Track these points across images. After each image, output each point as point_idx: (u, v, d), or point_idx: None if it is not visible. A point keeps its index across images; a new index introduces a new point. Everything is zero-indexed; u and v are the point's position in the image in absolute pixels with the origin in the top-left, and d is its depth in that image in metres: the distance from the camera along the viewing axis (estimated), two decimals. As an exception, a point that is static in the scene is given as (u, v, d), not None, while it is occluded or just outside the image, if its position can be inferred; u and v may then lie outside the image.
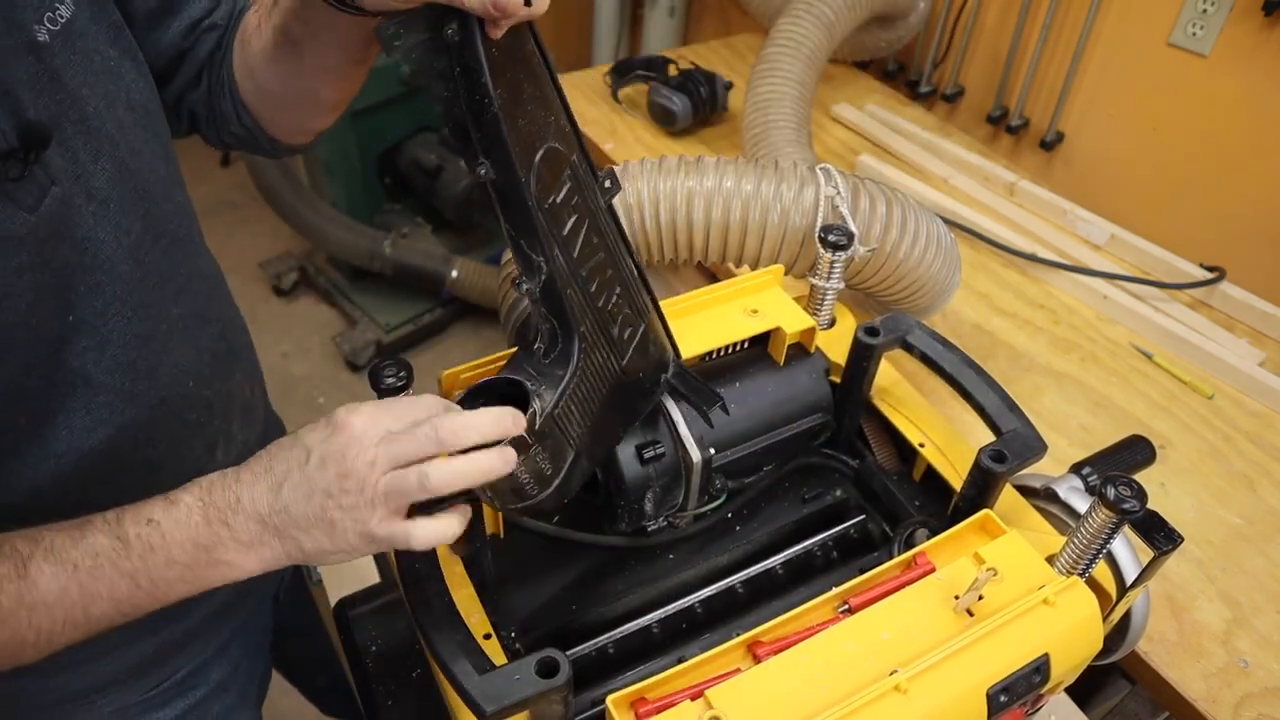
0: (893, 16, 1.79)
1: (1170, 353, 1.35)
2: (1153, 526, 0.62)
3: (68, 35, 0.62)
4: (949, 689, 0.57)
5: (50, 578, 0.54)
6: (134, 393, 0.68)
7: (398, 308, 2.67)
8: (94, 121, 0.63)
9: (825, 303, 0.87)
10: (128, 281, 0.66)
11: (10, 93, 0.57)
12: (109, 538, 0.56)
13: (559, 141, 0.61)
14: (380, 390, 0.64)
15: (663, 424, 0.74)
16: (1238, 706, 0.92)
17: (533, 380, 0.62)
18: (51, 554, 0.55)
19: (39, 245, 0.59)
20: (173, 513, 0.57)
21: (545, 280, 0.61)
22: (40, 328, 0.60)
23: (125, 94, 0.68)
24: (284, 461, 0.58)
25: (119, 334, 0.66)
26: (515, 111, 0.57)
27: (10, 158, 0.56)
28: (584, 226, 0.63)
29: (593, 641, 0.72)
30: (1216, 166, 1.56)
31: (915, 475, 0.82)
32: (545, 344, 0.64)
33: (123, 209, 0.66)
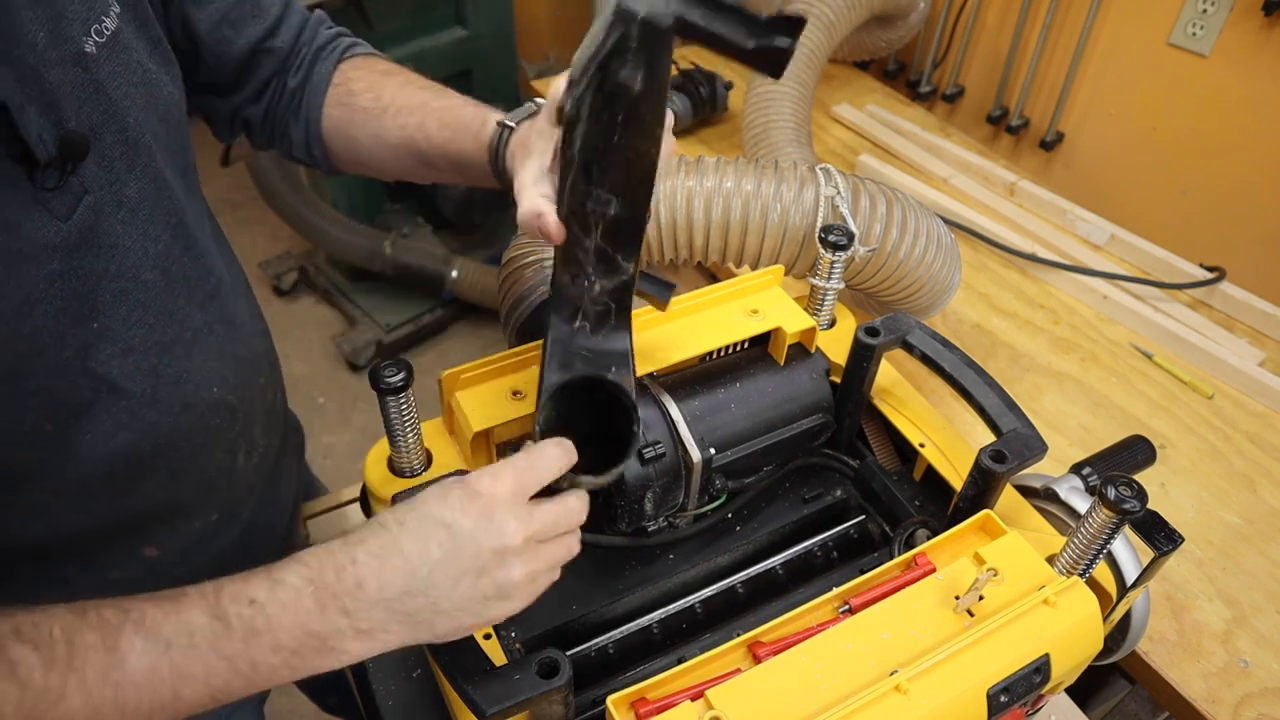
0: (893, 16, 1.79)
1: (1170, 353, 1.35)
2: (1153, 527, 0.62)
3: (113, 47, 0.63)
4: (949, 689, 0.57)
5: (140, 653, 0.49)
6: (157, 399, 0.68)
7: (398, 308, 2.67)
8: (132, 132, 0.64)
9: (825, 303, 0.87)
10: (152, 289, 0.67)
11: (54, 103, 0.58)
12: (206, 616, 0.51)
13: None
14: (380, 390, 0.64)
15: (663, 424, 0.74)
16: (1238, 706, 0.92)
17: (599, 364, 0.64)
18: (142, 627, 0.50)
19: (69, 253, 0.59)
20: (278, 594, 0.52)
21: (625, 280, 0.63)
22: (66, 334, 0.61)
23: (162, 105, 0.69)
24: (420, 545, 0.54)
25: (142, 341, 0.66)
26: None
27: (49, 167, 0.57)
28: None
29: (593, 642, 0.72)
30: (1216, 166, 1.56)
31: (915, 475, 0.82)
32: (592, 323, 0.65)
33: (152, 218, 0.67)
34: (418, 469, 0.73)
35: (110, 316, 0.64)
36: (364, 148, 0.85)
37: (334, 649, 0.53)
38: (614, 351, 0.66)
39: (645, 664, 0.71)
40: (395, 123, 0.82)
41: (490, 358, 0.76)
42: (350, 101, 0.84)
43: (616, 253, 0.62)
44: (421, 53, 2.36)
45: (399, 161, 0.84)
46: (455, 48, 2.44)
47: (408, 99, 0.82)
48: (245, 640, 0.51)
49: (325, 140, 0.86)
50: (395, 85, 0.84)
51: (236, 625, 0.51)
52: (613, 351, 0.66)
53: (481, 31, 2.46)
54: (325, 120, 0.85)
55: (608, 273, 0.63)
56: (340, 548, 0.55)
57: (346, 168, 0.89)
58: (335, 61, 0.85)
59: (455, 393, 0.75)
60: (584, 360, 0.65)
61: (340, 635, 0.53)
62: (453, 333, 2.79)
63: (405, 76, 0.85)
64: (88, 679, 0.48)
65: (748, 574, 0.78)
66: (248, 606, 0.52)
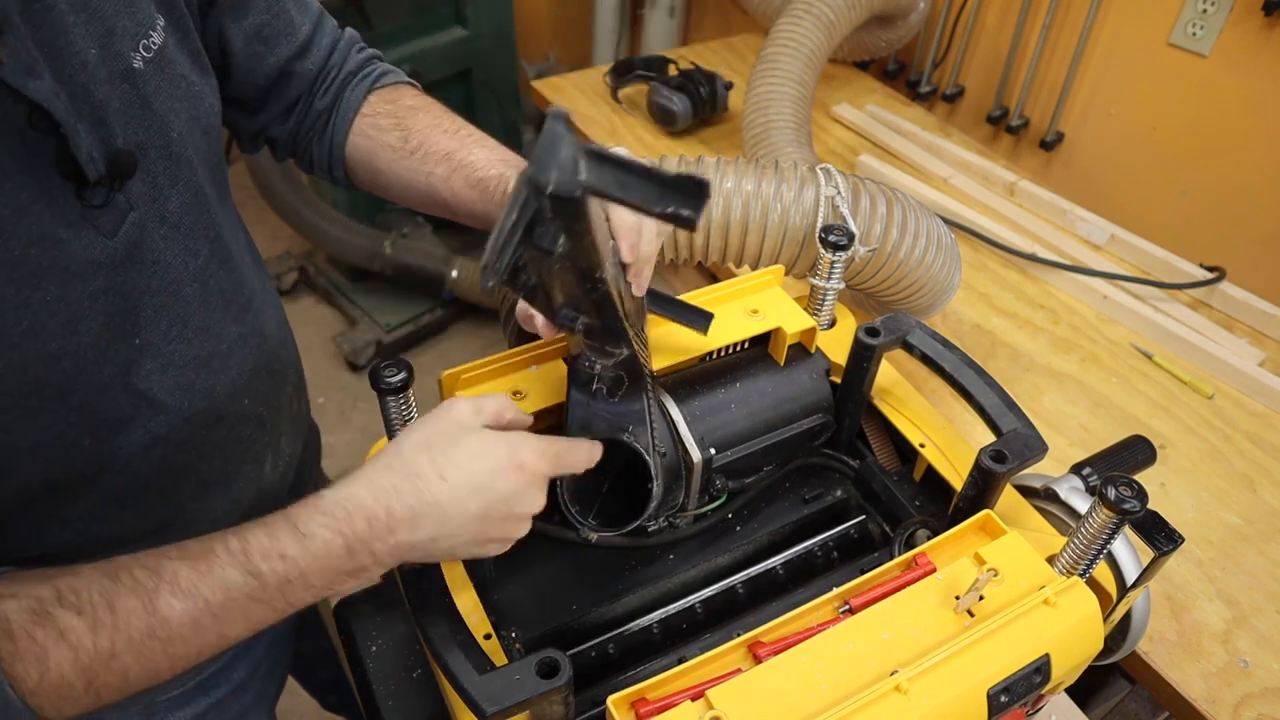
0: (893, 16, 1.79)
1: (1170, 353, 1.35)
2: (1153, 527, 0.62)
3: (159, 62, 0.63)
4: (950, 689, 0.57)
5: (182, 613, 0.53)
6: (192, 412, 0.69)
7: (398, 308, 2.67)
8: (176, 147, 0.65)
9: (826, 303, 0.87)
10: (191, 303, 0.67)
11: (103, 120, 0.58)
12: (239, 572, 0.55)
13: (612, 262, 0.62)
14: (380, 390, 0.64)
15: (663, 424, 0.74)
16: (1238, 706, 0.92)
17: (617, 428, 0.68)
18: (178, 589, 0.54)
19: (114, 270, 0.60)
20: (309, 547, 0.56)
21: (626, 357, 0.66)
22: (108, 351, 0.61)
23: (203, 117, 0.69)
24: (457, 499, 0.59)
25: (181, 355, 0.67)
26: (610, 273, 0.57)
27: (97, 185, 0.57)
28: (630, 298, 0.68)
29: (593, 642, 0.72)
30: (1216, 166, 1.56)
31: (915, 475, 0.82)
32: (607, 386, 0.69)
33: (192, 233, 0.67)
34: (418, 469, 0.72)
35: (151, 332, 0.64)
36: (387, 180, 0.86)
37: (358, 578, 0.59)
38: (630, 413, 0.70)
39: (645, 664, 0.71)
40: (422, 168, 0.83)
41: (490, 358, 0.76)
42: (376, 135, 0.85)
43: (603, 344, 0.66)
44: (421, 53, 2.36)
45: (421, 202, 0.85)
46: (455, 48, 2.44)
47: (436, 145, 0.83)
48: (280, 588, 0.56)
49: (347, 164, 0.87)
50: (424, 125, 0.84)
51: (271, 579, 0.55)
52: (629, 413, 0.70)
53: (481, 31, 2.46)
54: (349, 147, 0.86)
55: (605, 357, 0.67)
56: (371, 496, 0.58)
57: (366, 190, 0.90)
58: (366, 90, 0.85)
59: (455, 393, 0.74)
60: (603, 421, 0.69)
61: (366, 570, 0.58)
62: (453, 333, 2.79)
63: (433, 115, 0.86)
64: (134, 639, 0.52)
65: (748, 574, 0.78)
66: (280, 561, 0.56)
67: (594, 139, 1.75)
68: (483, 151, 0.83)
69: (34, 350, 0.56)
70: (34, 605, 0.51)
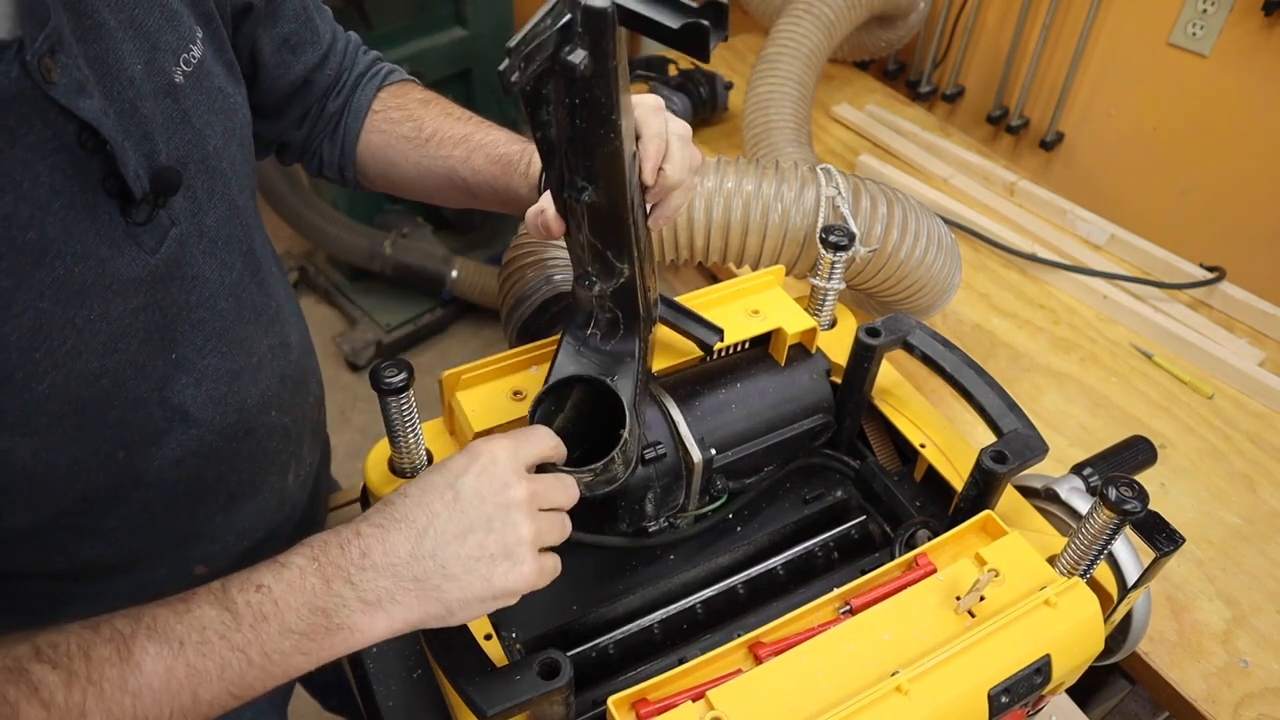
0: (893, 16, 1.79)
1: (1170, 353, 1.35)
2: (1154, 527, 0.62)
3: (198, 75, 0.63)
4: (950, 690, 0.57)
5: (155, 658, 0.48)
6: (224, 425, 0.69)
7: (398, 308, 2.67)
8: (213, 160, 0.65)
9: (826, 303, 0.87)
10: (226, 317, 0.67)
11: (148, 136, 0.58)
12: (215, 608, 0.50)
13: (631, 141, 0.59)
14: (380, 390, 0.64)
15: (663, 424, 0.74)
16: (1238, 706, 0.93)
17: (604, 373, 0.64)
18: (155, 631, 0.49)
19: (154, 286, 0.60)
20: (284, 575, 0.51)
21: (625, 282, 0.62)
22: (146, 366, 0.61)
23: (239, 129, 0.69)
24: (424, 507, 0.54)
25: (214, 369, 0.67)
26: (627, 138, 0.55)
27: (142, 203, 0.57)
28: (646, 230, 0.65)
29: (594, 642, 0.72)
30: (1216, 166, 1.56)
31: (916, 476, 0.82)
32: (602, 330, 0.65)
33: (229, 246, 0.67)
34: (418, 469, 0.72)
35: (187, 347, 0.64)
36: (402, 173, 0.86)
37: (342, 625, 0.51)
38: (622, 354, 0.66)
39: (646, 664, 0.71)
40: (439, 153, 0.83)
41: (490, 358, 0.76)
42: (390, 129, 0.85)
43: (606, 249, 0.61)
44: (421, 53, 2.36)
45: (440, 190, 0.85)
46: (455, 48, 2.44)
47: (450, 130, 0.83)
48: (254, 627, 0.50)
49: (358, 163, 0.87)
50: (436, 115, 0.85)
51: (245, 613, 0.50)
52: (621, 354, 0.66)
53: (481, 31, 2.46)
54: (362, 144, 0.86)
55: (605, 272, 0.63)
56: (345, 526, 0.54)
57: (376, 188, 0.90)
58: (376, 89, 0.86)
59: (455, 393, 0.74)
60: (591, 364, 0.66)
61: (346, 608, 0.51)
62: (453, 333, 2.78)
63: (443, 106, 0.86)
64: (106, 692, 0.47)
65: (748, 574, 0.78)
66: (255, 593, 0.51)
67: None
68: (499, 133, 0.83)
69: (76, 369, 0.56)
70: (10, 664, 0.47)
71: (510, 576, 0.54)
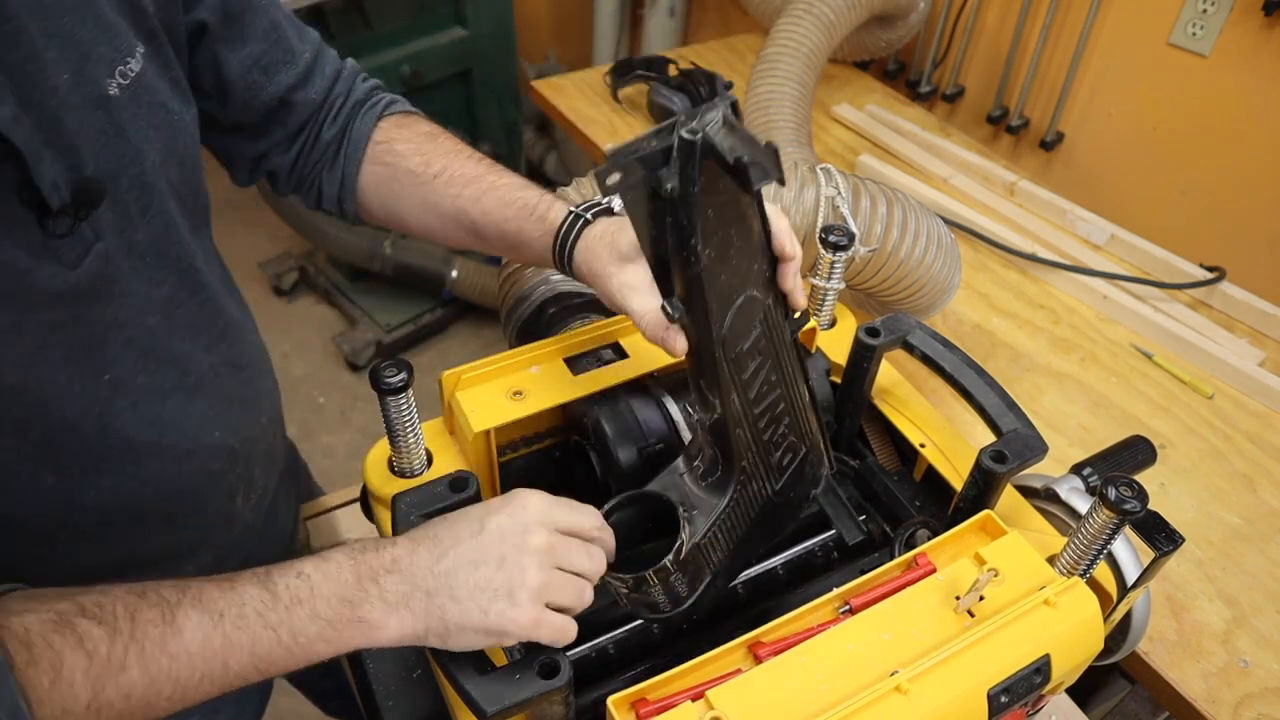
0: (893, 16, 1.79)
1: (1170, 353, 1.35)
2: (1154, 527, 0.62)
3: (136, 89, 0.62)
4: (950, 690, 0.57)
5: (195, 625, 0.52)
6: (160, 447, 0.68)
7: (398, 308, 2.67)
8: (149, 176, 0.63)
9: (826, 303, 0.87)
10: (157, 334, 0.66)
11: (73, 148, 0.57)
12: (257, 588, 0.54)
13: (757, 289, 0.61)
14: (380, 390, 0.64)
15: (663, 424, 0.74)
16: (1238, 706, 0.92)
17: (686, 505, 0.63)
18: (199, 602, 0.53)
19: (75, 301, 0.59)
20: (324, 567, 0.55)
21: (717, 419, 0.62)
22: (75, 386, 0.60)
23: (180, 147, 0.67)
24: (452, 531, 0.58)
25: (148, 388, 0.66)
26: (720, 269, 0.57)
27: (61, 214, 0.55)
28: (765, 367, 0.63)
29: (593, 642, 0.72)
30: (1216, 166, 1.56)
31: (916, 475, 0.82)
32: (705, 466, 0.65)
33: (160, 264, 0.66)
34: (418, 469, 0.73)
35: (121, 367, 0.63)
36: (407, 209, 0.83)
37: (362, 620, 0.55)
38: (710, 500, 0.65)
39: (645, 664, 0.71)
40: (449, 191, 0.80)
41: (490, 358, 0.76)
42: (395, 162, 0.83)
43: (699, 376, 0.61)
44: (421, 53, 2.36)
45: (446, 229, 0.83)
46: (455, 48, 2.44)
47: (461, 169, 0.81)
48: (290, 609, 0.53)
49: (359, 195, 0.85)
50: (445, 151, 0.82)
51: (283, 595, 0.54)
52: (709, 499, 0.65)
53: (481, 31, 2.46)
54: (364, 175, 0.84)
55: (700, 402, 0.62)
56: (387, 538, 0.58)
57: (378, 222, 0.88)
58: (376, 118, 0.84)
59: (455, 393, 0.74)
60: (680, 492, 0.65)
61: (368, 604, 0.55)
62: (453, 333, 2.79)
63: (451, 142, 0.84)
64: (146, 651, 0.51)
65: (748, 574, 0.78)
66: (295, 578, 0.55)
67: (594, 139, 1.75)
68: (512, 177, 0.81)
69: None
70: (54, 617, 0.50)
71: (505, 616, 0.56)
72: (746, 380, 0.62)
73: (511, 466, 0.79)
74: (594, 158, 1.78)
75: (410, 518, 0.64)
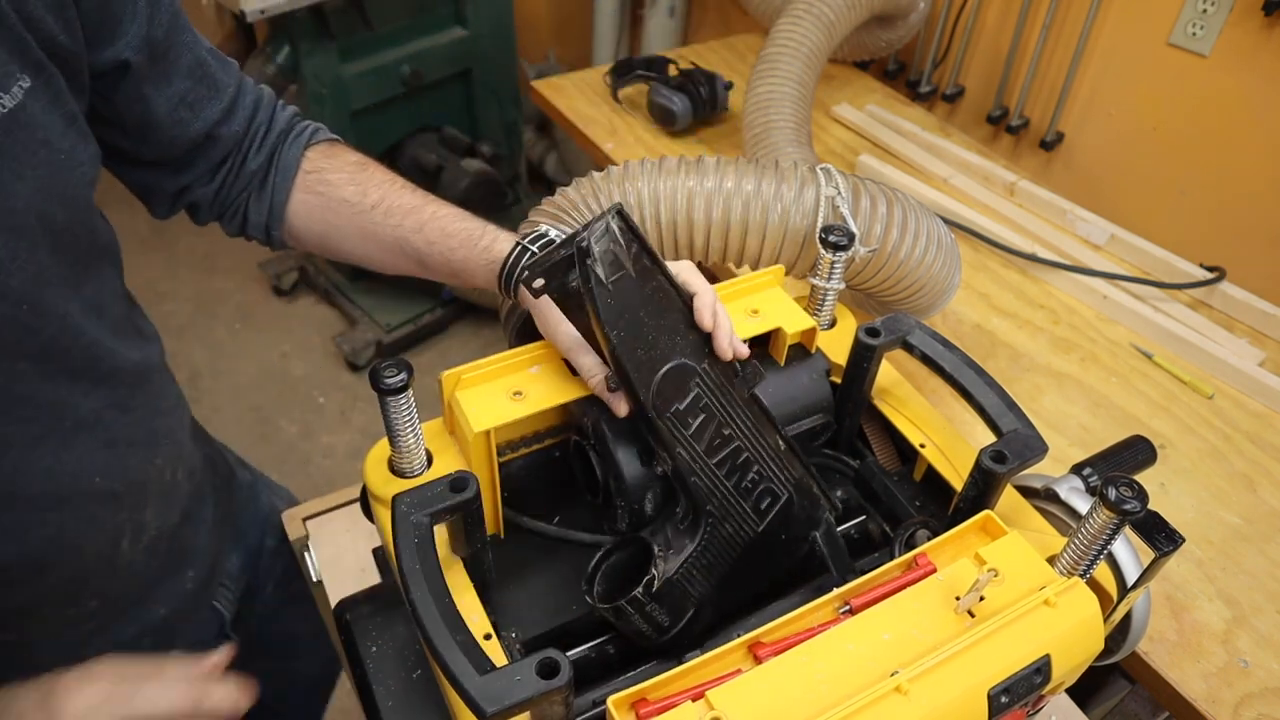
0: (893, 16, 1.79)
1: (1170, 353, 1.35)
2: (1154, 527, 0.62)
3: (9, 127, 0.58)
4: (950, 690, 0.57)
5: None
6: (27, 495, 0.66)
7: (398, 308, 2.67)
8: (20, 219, 0.60)
9: (826, 303, 0.87)
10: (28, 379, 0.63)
11: None
12: None
13: (687, 356, 0.69)
14: (380, 390, 0.64)
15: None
16: (1238, 706, 0.92)
17: (662, 545, 0.69)
18: None
19: None
20: None
21: (673, 470, 0.68)
22: None
23: (67, 187, 0.63)
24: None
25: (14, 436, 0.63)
26: (634, 345, 0.66)
27: None
28: (713, 424, 0.69)
29: (593, 642, 0.72)
30: (1216, 166, 1.56)
31: (916, 476, 0.82)
32: (682, 510, 0.70)
33: (34, 311, 0.62)
34: (418, 470, 0.72)
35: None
36: (343, 237, 0.84)
37: None
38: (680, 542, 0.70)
39: (645, 664, 0.71)
40: (388, 222, 0.81)
41: (490, 358, 0.76)
42: (327, 191, 0.83)
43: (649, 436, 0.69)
44: (421, 53, 2.36)
45: (386, 257, 0.83)
46: (455, 48, 2.44)
47: (398, 200, 0.82)
48: None
49: (289, 223, 0.84)
50: (379, 182, 0.83)
51: None
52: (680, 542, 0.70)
53: (481, 31, 2.46)
54: (293, 204, 0.83)
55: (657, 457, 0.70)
56: None
57: (308, 250, 0.88)
58: (304, 146, 0.83)
59: (455, 393, 0.74)
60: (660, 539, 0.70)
61: None
62: (453, 333, 2.79)
63: (381, 172, 0.84)
64: None
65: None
66: None
67: (594, 139, 1.75)
68: (450, 208, 0.83)
69: None
70: None
71: None
72: (692, 435, 0.68)
73: (511, 466, 0.79)
74: (594, 158, 1.78)
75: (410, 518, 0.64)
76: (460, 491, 0.66)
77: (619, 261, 0.65)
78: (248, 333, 2.77)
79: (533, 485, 0.80)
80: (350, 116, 2.32)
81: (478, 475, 0.68)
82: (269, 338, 2.73)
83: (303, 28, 2.08)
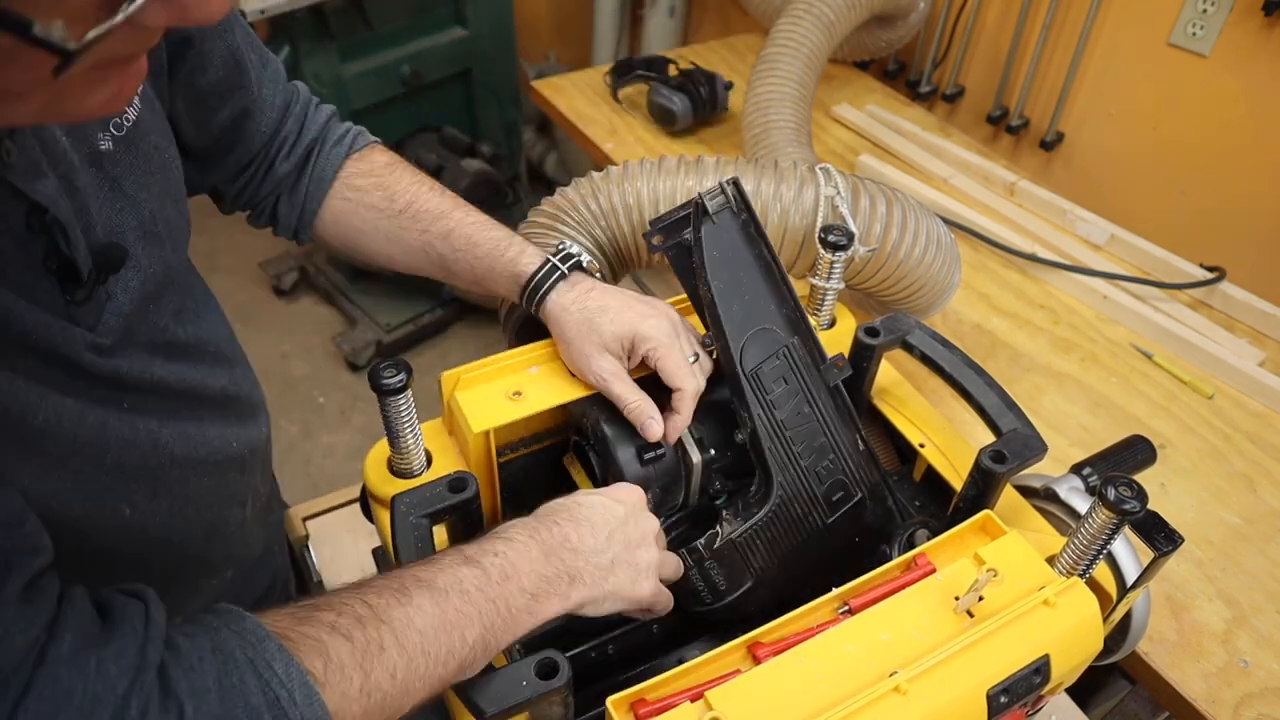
0: (893, 16, 1.79)
1: (1170, 353, 1.35)
2: (1153, 527, 0.62)
3: (131, 139, 0.60)
4: (949, 690, 0.57)
5: (430, 602, 0.54)
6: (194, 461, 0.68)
7: (398, 308, 2.67)
8: (149, 224, 0.62)
9: (825, 303, 0.87)
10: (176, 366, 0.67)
11: (84, 209, 0.55)
12: (467, 567, 0.57)
13: (777, 327, 0.73)
14: (380, 391, 0.64)
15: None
16: (1238, 706, 0.92)
17: (731, 508, 0.73)
18: (420, 583, 0.55)
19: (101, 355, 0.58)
20: (515, 547, 0.59)
21: (751, 433, 0.71)
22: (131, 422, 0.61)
23: (174, 188, 0.67)
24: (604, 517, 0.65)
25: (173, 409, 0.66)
26: (731, 298, 0.72)
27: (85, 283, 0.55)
28: (794, 398, 0.72)
29: (593, 642, 0.72)
30: (1216, 166, 1.56)
31: (915, 475, 0.82)
32: (756, 483, 0.73)
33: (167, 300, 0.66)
34: (417, 470, 0.73)
35: None
36: (369, 241, 0.83)
37: (554, 592, 0.60)
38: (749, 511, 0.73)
39: (645, 664, 0.71)
40: (415, 227, 0.81)
41: (490, 358, 0.76)
42: (355, 196, 0.82)
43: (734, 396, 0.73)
44: (421, 53, 2.36)
45: (411, 261, 0.83)
46: (455, 48, 2.44)
47: (427, 204, 0.82)
48: (501, 584, 0.57)
49: (317, 227, 0.84)
50: (406, 185, 0.83)
51: (493, 571, 0.57)
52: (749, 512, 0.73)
53: (481, 31, 2.46)
54: (324, 209, 0.83)
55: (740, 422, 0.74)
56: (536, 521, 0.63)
57: (335, 252, 0.89)
58: (343, 156, 0.83)
59: (455, 393, 0.74)
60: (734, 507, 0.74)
61: (561, 579, 0.60)
62: (453, 333, 2.79)
63: (410, 173, 0.84)
64: (396, 629, 0.52)
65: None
66: (495, 556, 0.58)
67: (594, 139, 1.75)
68: (478, 214, 0.83)
69: None
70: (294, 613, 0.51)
71: (638, 588, 0.65)
72: (772, 401, 0.71)
73: (511, 467, 0.79)
74: (594, 158, 1.78)
75: (410, 519, 0.64)
76: (459, 492, 0.66)
77: (729, 223, 0.73)
78: (248, 332, 2.77)
79: (532, 485, 0.81)
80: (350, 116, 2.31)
81: (477, 475, 0.68)
82: (269, 337, 2.73)
83: (303, 27, 2.08)
